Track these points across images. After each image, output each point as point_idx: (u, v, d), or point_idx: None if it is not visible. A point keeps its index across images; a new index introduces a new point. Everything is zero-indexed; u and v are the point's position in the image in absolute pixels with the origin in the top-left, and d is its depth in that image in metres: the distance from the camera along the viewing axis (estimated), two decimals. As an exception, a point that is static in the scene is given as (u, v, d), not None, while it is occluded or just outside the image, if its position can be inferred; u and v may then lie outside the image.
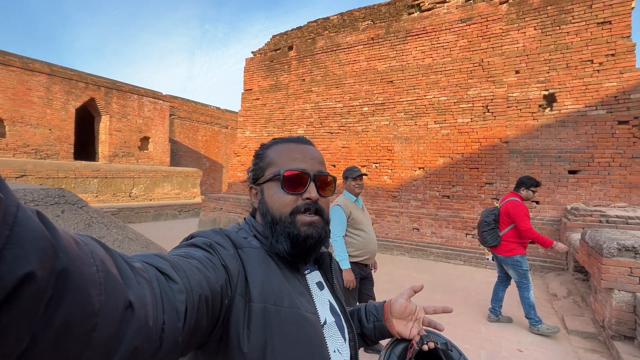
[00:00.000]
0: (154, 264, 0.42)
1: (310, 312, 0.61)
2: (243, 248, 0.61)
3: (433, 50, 6.79)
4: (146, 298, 0.35)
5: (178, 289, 0.41)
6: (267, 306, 0.56)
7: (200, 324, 0.45)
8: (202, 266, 0.50)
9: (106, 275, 0.30)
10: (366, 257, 2.63)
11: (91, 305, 0.27)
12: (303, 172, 0.66)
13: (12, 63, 10.24)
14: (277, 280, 0.60)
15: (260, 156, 0.73)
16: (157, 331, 0.36)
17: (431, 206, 6.68)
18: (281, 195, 0.66)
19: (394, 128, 7.17)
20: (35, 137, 10.84)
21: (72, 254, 0.27)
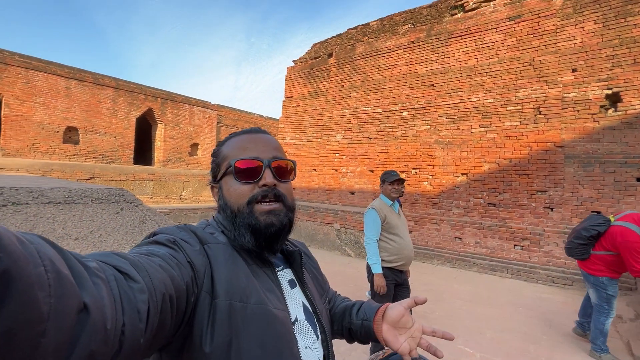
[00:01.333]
0: (112, 263, 0.40)
1: (279, 308, 0.60)
2: (209, 244, 0.59)
3: (478, 51, 6.50)
4: (103, 299, 0.33)
5: (139, 288, 0.39)
6: (233, 303, 0.54)
7: (164, 324, 0.43)
8: (166, 264, 0.48)
9: (56, 275, 0.28)
10: (401, 262, 2.58)
11: (38, 309, 0.25)
12: (255, 159, 0.65)
13: (86, 79, 11.65)
14: (244, 276, 0.58)
15: (216, 153, 0.71)
16: (116, 334, 0.34)
17: (475, 214, 6.33)
18: (237, 186, 0.64)
19: (435, 132, 6.94)
20: (102, 144, 12.17)
21: (14, 253, 0.24)
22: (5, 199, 3.10)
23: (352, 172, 8.29)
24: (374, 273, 2.47)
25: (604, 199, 5.12)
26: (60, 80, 11.03)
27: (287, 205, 0.66)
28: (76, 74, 11.39)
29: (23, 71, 10.29)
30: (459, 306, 4.28)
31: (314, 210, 7.73)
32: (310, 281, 0.75)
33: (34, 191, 3.27)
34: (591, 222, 3.00)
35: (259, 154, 0.66)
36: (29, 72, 10.39)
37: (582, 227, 3.06)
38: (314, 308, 0.69)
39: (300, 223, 7.87)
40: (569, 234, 3.26)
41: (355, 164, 8.22)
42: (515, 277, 5.57)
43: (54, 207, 3.34)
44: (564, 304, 4.46)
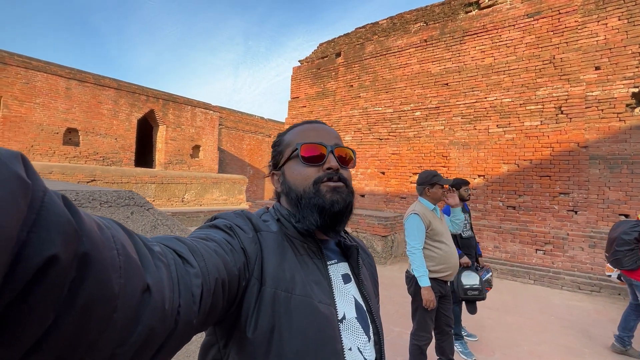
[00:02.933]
0: (173, 247, 0.42)
1: (325, 302, 0.59)
2: (262, 231, 0.61)
3: (494, 49, 6.31)
4: (163, 282, 0.35)
5: (195, 273, 0.41)
6: (277, 291, 0.55)
7: (216, 306, 0.46)
8: (221, 249, 0.50)
9: (126, 259, 0.31)
10: (447, 272, 2.34)
11: (111, 287, 0.28)
12: (320, 144, 0.67)
13: (87, 79, 11.40)
14: (292, 267, 0.59)
15: (278, 142, 0.74)
16: (172, 314, 0.36)
17: (493, 217, 6.11)
18: (302, 169, 0.66)
19: (450, 133, 6.73)
20: (103, 146, 11.90)
21: (94, 238, 0.27)
22: (6, 203, 2.84)
23: (362, 174, 8.06)
24: (422, 286, 2.23)
25: (633, 201, 4.91)
26: (61, 80, 10.78)
27: (349, 187, 0.68)
28: (77, 75, 11.14)
29: (22, 71, 10.03)
30: (487, 315, 4.04)
31: (324, 213, 7.49)
32: (367, 279, 0.73)
33: (38, 194, 3.02)
34: (626, 228, 2.94)
35: (322, 140, 0.68)
36: (28, 72, 10.14)
37: (617, 235, 2.97)
38: (369, 307, 0.68)
39: (310, 227, 7.64)
40: (607, 245, 3.12)
41: (366, 165, 8.00)
42: (539, 283, 5.34)
43: (59, 211, 3.08)
44: (596, 312, 4.22)
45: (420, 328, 2.35)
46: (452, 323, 2.51)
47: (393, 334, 3.38)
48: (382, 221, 6.45)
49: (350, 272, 0.70)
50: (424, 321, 2.33)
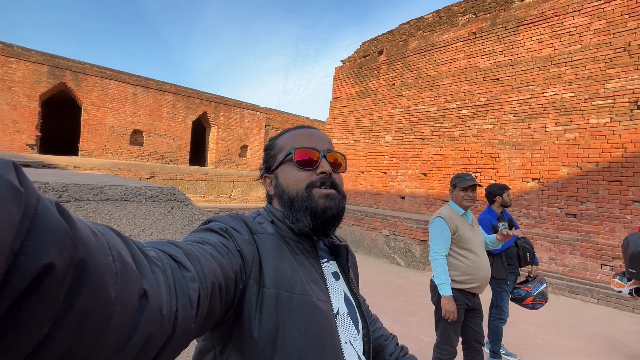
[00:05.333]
0: (168, 252, 0.42)
1: (323, 300, 0.61)
2: (258, 234, 0.61)
3: (555, 38, 5.66)
4: (160, 287, 0.35)
5: (191, 277, 0.41)
6: (280, 292, 0.56)
7: (213, 309, 0.45)
8: (217, 252, 0.50)
9: (122, 265, 0.30)
10: (475, 284, 2.15)
11: (108, 294, 0.28)
12: (313, 148, 0.68)
13: (150, 85, 12.62)
14: (290, 267, 0.60)
15: (271, 146, 0.74)
16: (170, 319, 0.36)
17: (549, 226, 5.49)
18: (295, 172, 0.67)
19: (500, 132, 6.20)
20: (163, 146, 13.08)
21: (89, 244, 0.27)
22: (69, 195, 3.25)
23: (403, 175, 7.78)
24: (442, 295, 2.09)
25: None
26: (129, 87, 12.08)
27: (340, 193, 0.69)
28: (142, 82, 12.39)
29: (99, 80, 11.44)
30: (534, 334, 3.65)
31: (361, 214, 7.38)
32: (355, 276, 0.77)
33: (95, 188, 3.41)
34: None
35: (315, 145, 0.69)
36: (103, 81, 11.53)
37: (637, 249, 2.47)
38: (358, 302, 0.71)
39: (347, 227, 7.57)
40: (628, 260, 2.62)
41: (406, 166, 7.71)
42: (603, 303, 4.68)
43: (112, 204, 3.45)
44: (677, 343, 3.58)
45: (443, 341, 2.20)
46: (482, 339, 2.31)
47: (422, 343, 3.22)
48: (421, 225, 6.17)
49: (339, 270, 0.73)
50: (447, 334, 2.18)
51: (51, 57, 10.65)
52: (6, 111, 9.86)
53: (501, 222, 3.07)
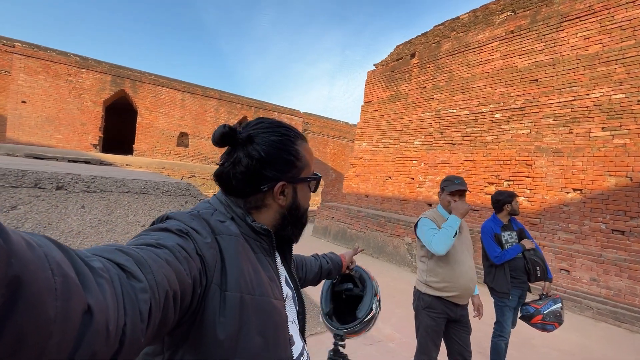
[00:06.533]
0: (116, 261, 0.39)
1: (278, 298, 0.64)
2: (222, 235, 0.59)
3: (604, 34, 5.09)
4: (107, 300, 0.33)
5: (141, 287, 0.39)
6: (244, 295, 0.56)
7: (166, 318, 0.44)
8: (173, 257, 0.47)
9: (63, 279, 0.28)
10: (453, 293, 2.02)
11: (46, 312, 0.26)
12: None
13: (196, 92, 13.64)
14: (253, 268, 0.60)
15: (296, 154, 0.70)
16: (117, 334, 0.34)
17: (592, 243, 4.90)
18: (309, 195, 0.75)
19: (537, 137, 5.69)
20: (205, 148, 14.02)
21: (25, 258, 0.25)
22: (95, 187, 3.66)
23: (431, 181, 7.47)
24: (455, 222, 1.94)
25: None
26: (178, 93, 13.19)
27: None
28: (189, 88, 13.45)
29: (152, 87, 12.66)
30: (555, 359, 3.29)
31: (385, 220, 7.22)
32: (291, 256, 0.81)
33: (118, 181, 3.80)
34: None
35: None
36: (156, 88, 12.73)
37: None
38: (296, 284, 0.76)
39: (369, 232, 7.45)
40: None
41: (435, 172, 7.39)
42: (654, 335, 4.04)
43: (131, 196, 3.81)
44: None
45: (421, 350, 2.10)
46: (467, 355, 2.16)
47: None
48: (444, 233, 5.86)
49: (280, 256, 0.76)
50: (425, 343, 2.08)
51: (114, 67, 12.04)
52: (76, 115, 11.35)
53: (507, 232, 2.84)
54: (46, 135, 10.94)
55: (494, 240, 2.73)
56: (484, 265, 2.89)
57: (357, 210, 8.15)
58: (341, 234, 8.36)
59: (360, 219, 7.90)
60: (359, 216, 7.95)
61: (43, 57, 10.72)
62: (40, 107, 10.78)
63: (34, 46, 10.92)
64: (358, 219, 7.96)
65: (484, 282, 2.85)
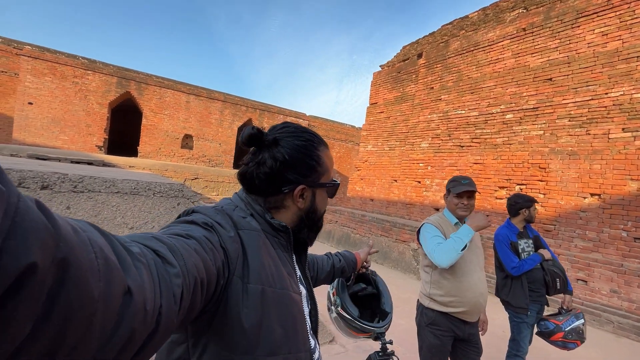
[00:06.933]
0: (152, 247, 0.41)
1: (296, 292, 0.67)
2: (244, 229, 0.61)
3: (624, 29, 4.80)
4: (144, 283, 0.35)
5: (175, 273, 0.41)
6: (265, 288, 0.58)
7: (194, 304, 0.46)
8: (200, 247, 0.49)
9: (105, 262, 0.30)
10: (460, 309, 1.78)
11: (90, 292, 0.27)
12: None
13: (201, 94, 13.60)
14: (273, 262, 0.63)
15: (317, 159, 0.72)
16: (154, 314, 0.36)
17: (612, 251, 4.58)
18: (326, 200, 0.76)
19: (551, 139, 5.39)
20: (210, 150, 13.95)
21: (71, 242, 0.26)
22: (83, 187, 3.49)
23: (438, 185, 7.19)
24: (468, 235, 1.70)
25: None
26: (183, 95, 13.16)
27: None
28: (194, 90, 13.42)
29: (157, 89, 12.65)
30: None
31: (390, 224, 6.96)
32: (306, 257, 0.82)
33: (108, 181, 3.62)
34: None
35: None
36: (161, 90, 12.73)
37: None
38: (309, 284, 0.78)
39: (374, 237, 7.20)
40: None
41: (442, 175, 7.12)
42: (683, 354, 3.70)
43: (121, 197, 3.63)
44: None
45: (425, 371, 1.86)
46: (477, 377, 1.91)
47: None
48: (452, 240, 5.58)
49: (296, 257, 0.77)
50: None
51: (120, 69, 12.07)
52: (82, 116, 11.38)
53: (523, 239, 2.58)
54: (52, 137, 10.98)
55: (511, 249, 2.47)
56: (497, 276, 2.63)
57: (361, 214, 7.90)
58: (345, 239, 8.12)
59: (365, 223, 7.65)
60: (363, 220, 7.71)
61: (50, 59, 10.80)
62: (47, 108, 10.83)
63: (43, 49, 11.02)
64: (362, 224, 7.72)
65: (498, 296, 2.59)
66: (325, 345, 3.13)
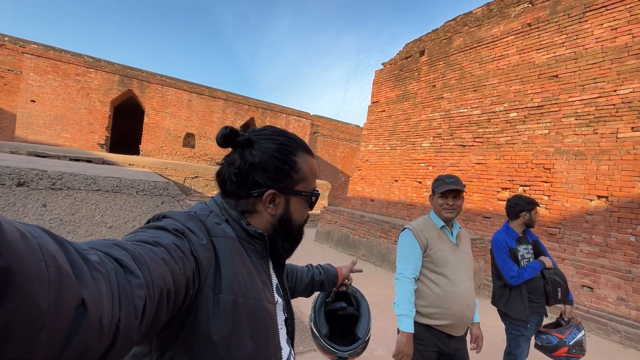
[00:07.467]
0: (114, 255, 0.38)
1: (270, 302, 0.64)
2: (218, 237, 0.59)
3: (634, 23, 4.56)
4: (101, 295, 0.32)
5: (138, 284, 0.38)
6: (237, 298, 0.56)
7: (159, 316, 0.43)
8: (169, 256, 0.46)
9: (56, 271, 0.28)
10: (445, 322, 1.62)
11: (37, 305, 0.25)
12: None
13: (204, 92, 13.56)
14: (247, 272, 0.60)
15: (292, 164, 0.68)
16: (110, 329, 0.33)
17: (619, 257, 4.34)
18: (305, 210, 0.72)
19: (557, 139, 5.17)
20: (212, 149, 13.91)
21: (16, 249, 0.24)
22: (62, 184, 3.39)
23: (439, 185, 6.99)
24: (400, 329, 1.61)
25: None
26: (185, 94, 13.14)
27: None
28: (196, 89, 13.38)
29: (159, 87, 12.64)
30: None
31: (389, 226, 6.78)
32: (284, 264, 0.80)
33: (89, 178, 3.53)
34: None
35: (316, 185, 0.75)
36: (163, 88, 12.72)
37: None
38: (286, 293, 0.76)
39: (372, 239, 7.03)
40: None
41: (444, 176, 6.91)
42: (695, 368, 3.48)
43: (101, 194, 3.53)
44: None
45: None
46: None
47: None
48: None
49: (273, 264, 0.75)
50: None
51: (122, 67, 12.09)
52: (84, 114, 11.41)
53: (522, 245, 2.39)
54: (54, 134, 11.03)
55: (510, 256, 2.29)
56: (494, 285, 2.45)
57: (360, 215, 7.74)
58: (344, 240, 7.96)
59: (364, 224, 7.48)
60: (363, 221, 7.54)
61: (53, 57, 10.84)
62: (49, 106, 10.88)
63: (48, 47, 11.08)
64: (361, 224, 7.55)
65: (494, 305, 2.41)
66: (309, 352, 2.99)
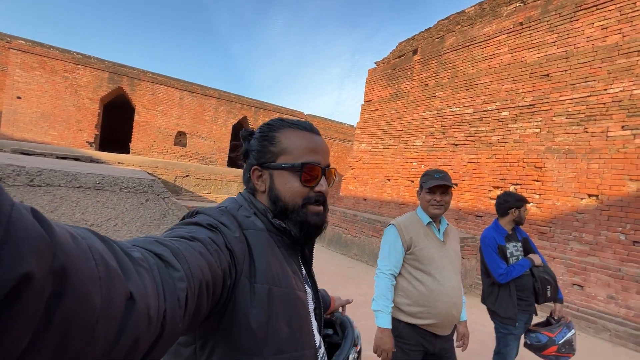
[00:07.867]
0: (154, 251, 0.40)
1: (301, 290, 0.66)
2: (249, 229, 0.61)
3: (625, 22, 4.58)
4: (147, 289, 0.34)
5: (179, 276, 0.40)
6: (271, 287, 0.58)
7: (200, 307, 0.45)
8: (205, 249, 0.49)
9: (105, 269, 0.29)
10: (429, 321, 1.57)
11: (91, 300, 0.27)
12: (318, 165, 0.69)
13: (195, 90, 13.39)
14: (278, 262, 0.63)
15: (270, 139, 0.71)
16: (158, 320, 0.35)
17: (609, 255, 4.35)
18: (296, 185, 0.68)
19: (548, 137, 5.17)
20: (204, 147, 13.75)
21: (69, 250, 0.26)
22: (41, 180, 3.26)
23: (432, 184, 6.97)
24: (377, 326, 1.57)
25: None
26: (176, 92, 12.96)
27: (327, 209, 0.72)
28: (188, 87, 13.21)
29: (150, 85, 12.45)
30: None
31: (381, 225, 6.74)
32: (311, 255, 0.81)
33: (69, 175, 3.39)
34: None
35: (320, 160, 0.70)
36: (154, 86, 12.52)
37: None
38: (314, 283, 0.76)
39: (365, 238, 6.98)
40: None
41: (436, 175, 6.90)
42: (683, 365, 3.49)
43: (82, 191, 3.41)
44: None
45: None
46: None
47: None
48: (444, 241, 5.37)
49: (300, 255, 0.75)
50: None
51: (112, 64, 11.87)
52: (72, 112, 11.18)
53: (512, 243, 2.36)
54: (41, 132, 10.78)
55: (498, 254, 2.25)
56: (483, 283, 2.41)
57: (352, 214, 7.69)
58: (336, 239, 7.91)
59: (356, 223, 7.43)
60: (355, 220, 7.50)
61: (40, 53, 10.60)
62: (36, 103, 10.63)
63: (35, 43, 10.82)
64: (354, 224, 7.50)
65: (483, 303, 2.37)
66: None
